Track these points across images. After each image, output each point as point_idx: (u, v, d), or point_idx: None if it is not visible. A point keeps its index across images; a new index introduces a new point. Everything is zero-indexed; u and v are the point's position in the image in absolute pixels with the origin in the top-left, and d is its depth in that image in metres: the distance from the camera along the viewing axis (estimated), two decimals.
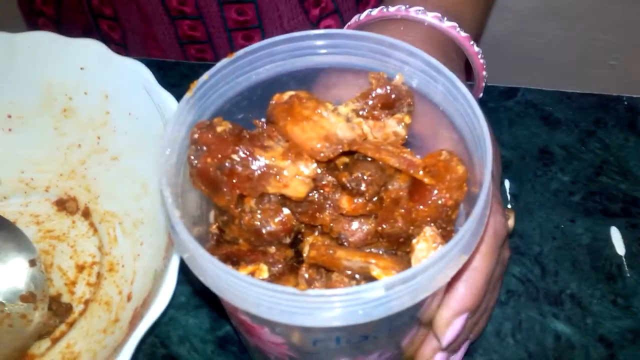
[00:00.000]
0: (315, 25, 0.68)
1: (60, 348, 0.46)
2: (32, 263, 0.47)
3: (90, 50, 0.48)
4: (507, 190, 0.53)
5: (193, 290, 0.49)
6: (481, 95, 0.51)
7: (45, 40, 0.49)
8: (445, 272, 0.29)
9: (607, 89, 0.59)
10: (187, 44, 0.68)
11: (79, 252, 0.50)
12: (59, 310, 0.47)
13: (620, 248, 0.50)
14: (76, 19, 0.70)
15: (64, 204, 0.52)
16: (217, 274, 0.29)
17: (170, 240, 0.41)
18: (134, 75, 0.47)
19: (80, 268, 0.49)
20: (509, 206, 0.52)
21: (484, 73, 0.48)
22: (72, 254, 0.50)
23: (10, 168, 0.52)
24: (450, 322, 0.36)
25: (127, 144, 0.49)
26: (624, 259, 0.49)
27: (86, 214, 0.52)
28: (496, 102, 0.58)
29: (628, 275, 0.48)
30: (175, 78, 0.60)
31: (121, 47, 0.70)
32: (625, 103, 0.58)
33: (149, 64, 0.48)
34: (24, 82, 0.50)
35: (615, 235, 0.50)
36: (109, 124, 0.50)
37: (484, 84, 0.49)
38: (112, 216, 0.50)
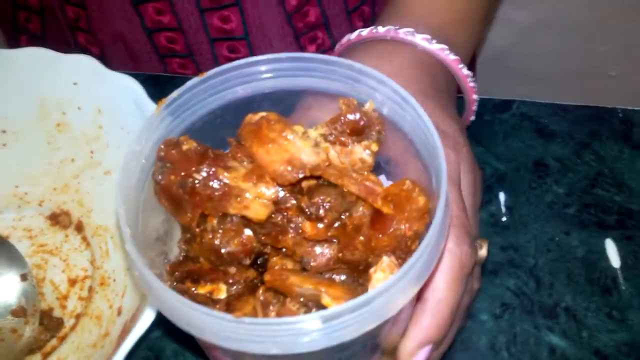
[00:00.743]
0: None
1: None
2: (24, 277, 0.47)
3: (83, 66, 0.48)
4: (502, 203, 0.53)
5: None
6: (473, 118, 0.50)
7: (38, 56, 0.49)
8: (393, 303, 0.28)
9: (604, 100, 0.59)
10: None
11: (72, 266, 0.50)
12: (50, 324, 0.47)
13: (615, 260, 0.49)
14: None
15: (57, 218, 0.52)
16: (165, 298, 0.29)
17: None
18: (126, 89, 0.47)
19: (73, 282, 0.49)
20: (506, 217, 0.52)
21: (475, 96, 0.47)
22: (64, 268, 0.50)
23: (4, 182, 0.53)
24: (414, 353, 0.35)
25: (120, 158, 0.49)
26: (619, 271, 0.49)
27: (79, 228, 0.52)
28: (491, 115, 0.58)
29: (623, 287, 0.48)
30: (170, 93, 0.60)
31: None
32: (620, 115, 0.58)
33: (144, 79, 0.48)
34: (18, 97, 0.50)
35: (611, 248, 0.50)
36: (102, 138, 0.50)
37: (475, 108, 0.48)
38: (105, 230, 0.50)
